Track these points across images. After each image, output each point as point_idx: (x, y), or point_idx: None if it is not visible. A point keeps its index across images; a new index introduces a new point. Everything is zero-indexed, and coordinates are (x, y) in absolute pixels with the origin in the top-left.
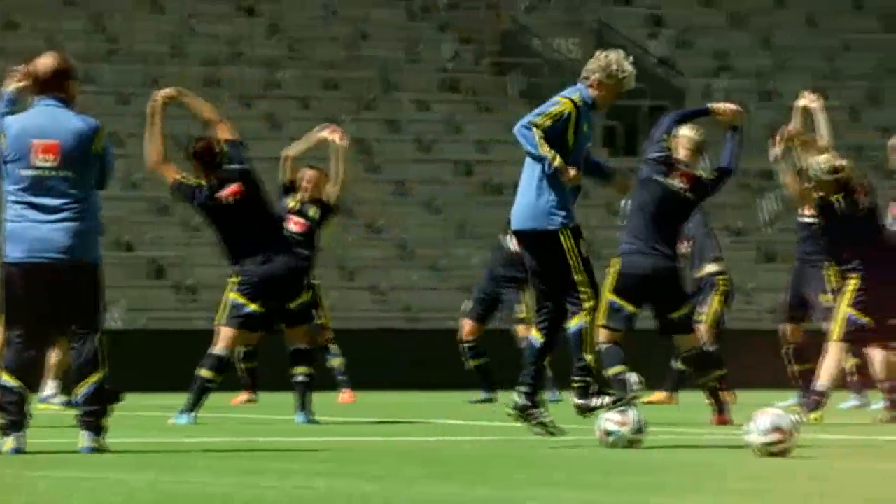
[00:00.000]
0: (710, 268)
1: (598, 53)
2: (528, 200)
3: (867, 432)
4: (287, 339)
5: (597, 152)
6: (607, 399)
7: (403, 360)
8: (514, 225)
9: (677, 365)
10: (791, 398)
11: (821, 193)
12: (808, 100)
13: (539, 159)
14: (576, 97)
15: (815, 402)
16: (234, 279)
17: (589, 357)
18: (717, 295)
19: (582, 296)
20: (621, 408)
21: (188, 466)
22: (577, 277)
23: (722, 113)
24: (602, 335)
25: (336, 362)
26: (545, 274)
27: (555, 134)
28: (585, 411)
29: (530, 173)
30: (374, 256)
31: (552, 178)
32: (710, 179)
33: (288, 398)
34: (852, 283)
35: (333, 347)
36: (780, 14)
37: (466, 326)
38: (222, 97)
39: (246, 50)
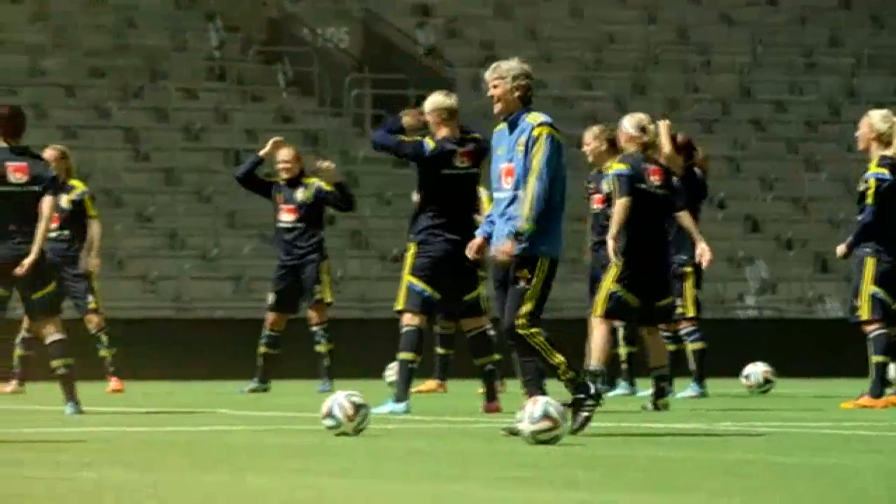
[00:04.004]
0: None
1: None
2: None
3: (636, 420)
4: (37, 332)
5: (365, 143)
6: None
7: (173, 349)
8: None
9: (440, 350)
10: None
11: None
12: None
13: None
14: None
15: None
16: None
17: None
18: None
19: None
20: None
21: None
22: None
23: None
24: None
25: (105, 352)
26: None
27: None
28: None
29: None
30: (144, 245)
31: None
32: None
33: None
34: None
35: (104, 337)
36: (545, 5)
37: (270, 318)
38: None
39: (9, 36)
